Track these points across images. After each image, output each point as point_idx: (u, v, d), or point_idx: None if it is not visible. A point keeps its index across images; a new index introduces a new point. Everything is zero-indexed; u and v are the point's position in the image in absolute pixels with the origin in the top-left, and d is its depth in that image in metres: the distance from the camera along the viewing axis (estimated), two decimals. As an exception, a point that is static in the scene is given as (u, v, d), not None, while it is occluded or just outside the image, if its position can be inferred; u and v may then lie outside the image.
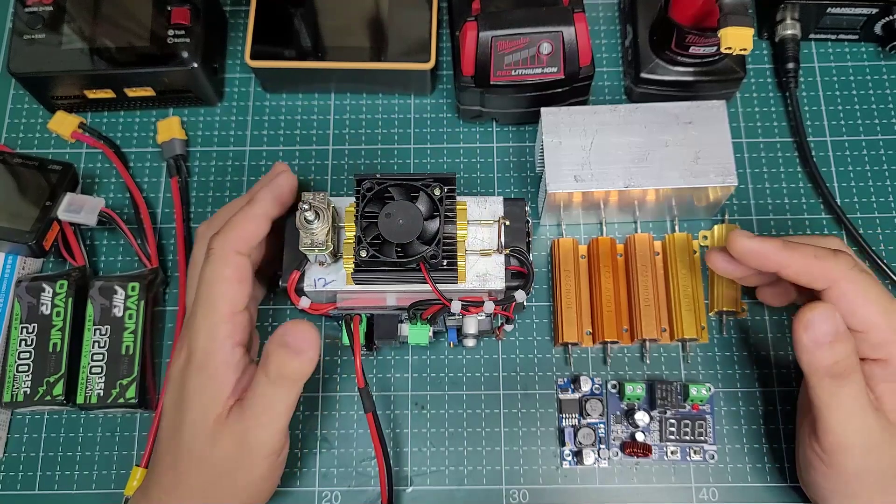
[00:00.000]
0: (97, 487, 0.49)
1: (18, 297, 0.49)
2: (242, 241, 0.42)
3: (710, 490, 0.48)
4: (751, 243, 0.42)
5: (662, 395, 0.48)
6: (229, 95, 0.57)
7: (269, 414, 0.40)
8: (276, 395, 0.40)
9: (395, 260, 0.41)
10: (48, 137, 0.56)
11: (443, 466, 0.49)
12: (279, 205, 0.43)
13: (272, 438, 0.41)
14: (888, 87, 0.56)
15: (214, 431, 0.40)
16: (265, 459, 0.41)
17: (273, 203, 0.43)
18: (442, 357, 0.51)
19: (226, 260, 0.41)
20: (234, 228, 0.42)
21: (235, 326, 0.41)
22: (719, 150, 0.48)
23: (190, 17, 0.53)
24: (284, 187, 0.44)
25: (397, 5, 0.54)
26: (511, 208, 0.45)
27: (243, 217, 0.42)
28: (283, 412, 0.41)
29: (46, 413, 0.50)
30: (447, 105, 0.57)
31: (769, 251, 0.42)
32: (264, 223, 0.43)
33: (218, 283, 0.41)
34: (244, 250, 0.42)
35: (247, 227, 0.42)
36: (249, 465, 0.41)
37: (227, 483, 0.41)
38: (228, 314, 0.41)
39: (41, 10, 0.53)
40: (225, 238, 0.41)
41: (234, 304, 0.41)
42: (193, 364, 0.41)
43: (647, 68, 0.53)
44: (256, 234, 0.42)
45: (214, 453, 0.40)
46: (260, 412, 0.40)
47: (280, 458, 0.42)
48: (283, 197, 0.43)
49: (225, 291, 0.41)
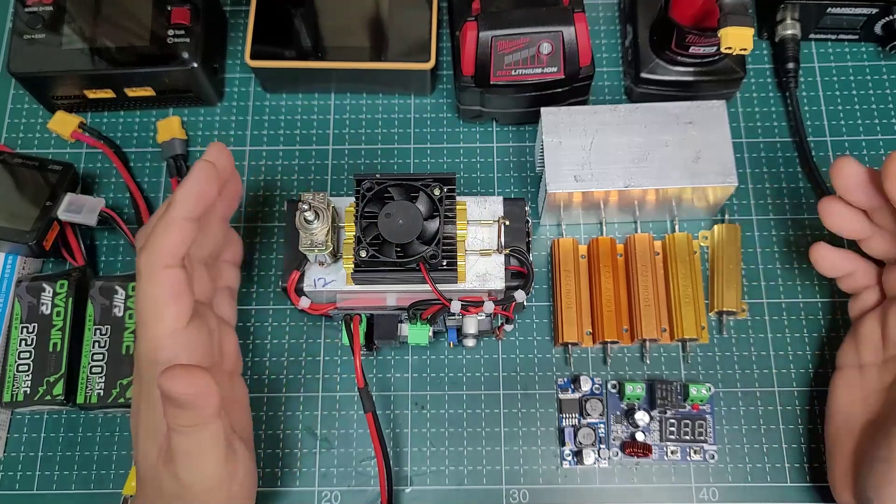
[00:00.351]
0: (96, 487, 0.49)
1: (18, 296, 0.49)
2: (168, 254, 0.38)
3: (710, 490, 0.48)
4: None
5: (662, 395, 0.48)
6: (229, 95, 0.57)
7: (190, 461, 0.37)
8: (186, 442, 0.36)
9: (395, 260, 0.41)
10: (48, 137, 0.56)
11: (443, 466, 0.49)
12: (202, 200, 0.39)
13: (206, 479, 0.38)
14: (888, 87, 0.56)
15: (157, 467, 0.38)
16: (213, 492, 0.38)
17: (195, 202, 0.39)
18: (442, 357, 0.51)
19: (153, 279, 0.37)
20: (155, 241, 0.38)
21: (178, 347, 0.38)
22: (719, 150, 0.48)
23: (190, 17, 0.53)
24: (204, 180, 0.39)
25: (397, 5, 0.54)
26: (511, 208, 0.45)
27: (164, 226, 0.38)
28: (204, 455, 0.37)
29: (46, 413, 0.50)
30: (447, 105, 0.57)
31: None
32: (189, 226, 0.38)
33: (151, 305, 0.38)
34: (173, 262, 0.38)
35: (169, 237, 0.38)
36: (200, 500, 0.38)
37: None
38: (170, 335, 0.38)
39: (41, 10, 0.53)
40: (149, 254, 0.38)
41: (172, 322, 0.38)
42: (143, 397, 0.39)
43: (647, 68, 0.53)
44: (183, 241, 0.38)
45: (164, 490, 0.38)
46: (180, 460, 0.37)
47: (235, 484, 0.39)
48: (205, 191, 0.39)
49: (161, 312, 0.37)
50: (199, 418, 0.36)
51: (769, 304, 0.51)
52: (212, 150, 0.41)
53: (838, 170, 0.42)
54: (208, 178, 0.39)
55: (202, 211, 0.39)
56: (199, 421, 0.36)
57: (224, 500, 0.39)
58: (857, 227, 0.44)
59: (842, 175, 0.42)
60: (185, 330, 0.38)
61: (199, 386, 0.34)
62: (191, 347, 0.39)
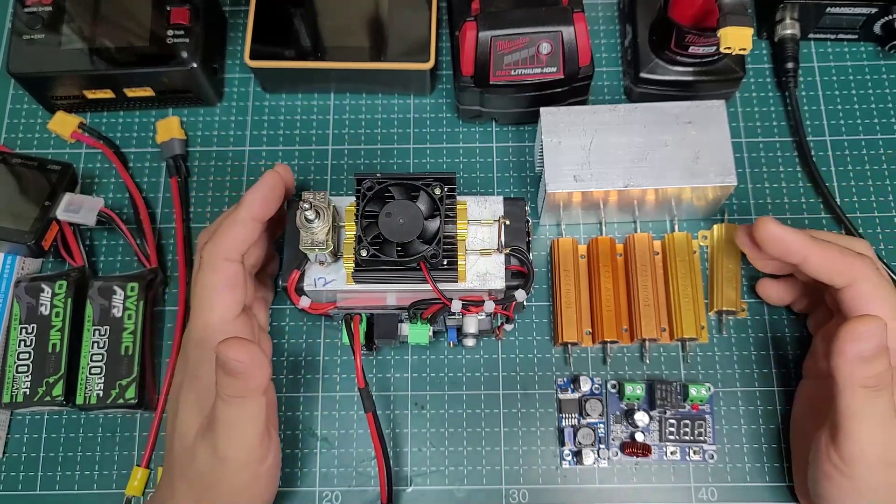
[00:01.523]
0: (98, 488, 0.49)
1: (17, 297, 0.49)
2: (231, 248, 0.41)
3: (709, 490, 0.48)
4: (778, 230, 0.42)
5: (662, 395, 0.48)
6: (229, 95, 0.57)
7: (230, 431, 0.39)
8: (230, 412, 0.39)
9: (396, 259, 0.41)
10: (48, 137, 0.56)
11: (443, 466, 0.49)
12: (267, 205, 0.43)
13: (241, 452, 0.40)
14: (888, 87, 0.56)
15: (195, 444, 0.40)
16: (243, 470, 0.40)
17: (261, 205, 0.42)
18: (442, 357, 0.51)
19: (214, 267, 0.41)
20: (221, 235, 0.41)
21: (228, 334, 0.40)
22: (719, 150, 0.48)
23: (189, 17, 0.53)
24: (271, 186, 0.43)
25: (397, 5, 0.54)
26: (511, 208, 0.45)
27: (231, 222, 0.42)
28: (245, 427, 0.39)
29: (46, 413, 0.50)
30: (447, 105, 0.57)
31: (795, 241, 0.42)
32: (252, 226, 0.42)
33: (208, 291, 0.41)
34: (234, 256, 0.41)
35: (234, 233, 0.41)
36: (228, 477, 0.40)
37: (213, 495, 0.40)
38: (220, 323, 0.41)
39: (41, 10, 0.52)
40: (213, 245, 0.41)
41: (225, 311, 0.41)
42: (188, 374, 0.41)
43: (646, 68, 0.53)
44: (245, 239, 0.42)
45: (196, 466, 0.40)
46: (221, 429, 0.39)
47: (263, 466, 0.41)
48: (270, 197, 0.43)
49: (215, 299, 0.41)
50: (246, 389, 0.38)
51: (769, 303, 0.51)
52: (280, 166, 0.45)
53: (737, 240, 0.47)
54: (274, 186, 0.43)
55: (266, 214, 0.43)
56: (246, 392, 0.38)
57: (250, 480, 0.41)
58: (776, 268, 0.48)
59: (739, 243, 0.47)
60: (234, 321, 0.41)
61: (252, 356, 0.38)
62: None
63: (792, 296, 0.49)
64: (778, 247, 0.43)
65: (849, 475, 0.40)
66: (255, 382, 0.38)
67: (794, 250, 0.42)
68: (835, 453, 0.40)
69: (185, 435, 0.41)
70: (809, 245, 0.42)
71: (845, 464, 0.40)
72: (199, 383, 0.41)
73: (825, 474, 0.41)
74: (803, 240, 0.42)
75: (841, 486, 0.40)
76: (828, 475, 0.41)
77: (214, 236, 0.42)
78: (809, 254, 0.42)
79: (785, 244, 0.42)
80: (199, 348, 0.41)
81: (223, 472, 0.40)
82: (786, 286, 0.49)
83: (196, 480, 0.40)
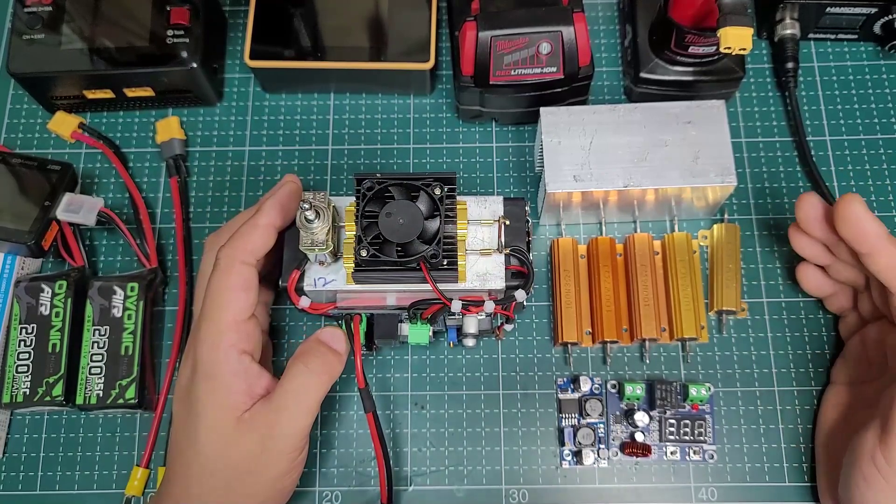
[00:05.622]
0: (98, 488, 0.49)
1: (17, 297, 0.49)
2: (248, 252, 0.42)
3: (709, 490, 0.48)
4: (862, 211, 0.41)
5: (662, 395, 0.48)
6: (229, 95, 0.57)
7: (300, 404, 0.41)
8: (311, 384, 0.42)
9: (396, 259, 0.41)
10: (48, 137, 0.56)
11: (443, 466, 0.49)
12: (286, 214, 0.44)
13: (296, 430, 0.41)
14: (887, 87, 0.56)
15: (237, 431, 0.41)
16: (285, 455, 0.41)
17: (279, 213, 0.43)
18: (442, 357, 0.51)
19: (231, 269, 0.41)
20: (240, 239, 0.42)
21: (240, 335, 0.41)
22: (719, 150, 0.48)
23: (189, 17, 0.52)
24: (290, 195, 0.44)
25: (397, 5, 0.54)
26: (511, 208, 0.45)
27: (250, 228, 0.42)
28: (311, 405, 0.42)
29: (46, 413, 0.50)
30: (447, 105, 0.57)
31: (872, 231, 0.41)
32: (270, 233, 0.43)
33: (223, 292, 0.41)
34: (250, 260, 0.42)
35: (253, 238, 0.42)
36: (269, 462, 0.41)
37: (248, 481, 0.41)
38: (233, 322, 0.41)
39: (40, 10, 0.52)
40: (231, 248, 0.42)
41: (238, 312, 0.41)
42: (200, 373, 0.41)
43: (646, 68, 0.53)
44: (263, 245, 0.42)
45: (234, 454, 0.41)
46: (291, 401, 0.41)
47: (300, 457, 0.43)
48: (289, 207, 0.44)
49: (230, 300, 0.41)
50: (341, 365, 0.43)
51: (769, 303, 0.51)
52: (292, 176, 0.46)
53: (799, 204, 0.45)
54: (290, 195, 0.44)
55: (284, 223, 0.44)
56: (339, 369, 0.43)
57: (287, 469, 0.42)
58: (817, 254, 0.47)
59: (802, 209, 0.45)
60: (245, 322, 0.42)
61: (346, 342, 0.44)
62: (249, 339, 0.42)
63: (833, 290, 0.48)
64: (853, 229, 0.41)
65: (892, 479, 0.39)
66: (342, 366, 0.43)
67: (868, 239, 0.41)
68: (881, 455, 0.39)
69: (216, 426, 0.41)
70: (885, 240, 0.41)
71: (890, 465, 0.39)
72: (216, 383, 0.41)
73: (864, 477, 0.40)
74: (880, 233, 0.41)
75: (880, 489, 0.40)
76: (867, 478, 0.40)
77: (232, 239, 0.42)
78: (882, 249, 0.41)
79: (862, 228, 0.41)
80: (213, 349, 0.41)
81: (266, 455, 0.41)
82: (827, 278, 0.47)
83: (231, 469, 0.41)
